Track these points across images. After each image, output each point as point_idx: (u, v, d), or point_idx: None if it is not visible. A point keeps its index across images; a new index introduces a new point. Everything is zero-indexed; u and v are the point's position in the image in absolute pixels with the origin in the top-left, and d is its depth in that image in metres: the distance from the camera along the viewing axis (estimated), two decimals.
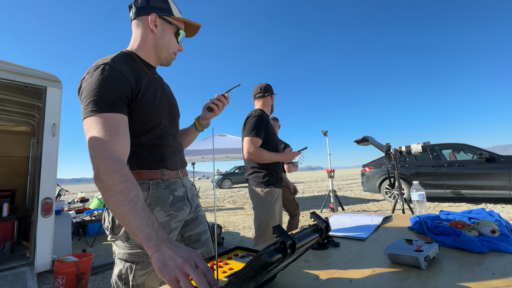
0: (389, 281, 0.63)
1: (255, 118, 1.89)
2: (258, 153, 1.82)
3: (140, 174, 0.88)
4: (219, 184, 16.75)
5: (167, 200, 0.91)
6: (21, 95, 3.38)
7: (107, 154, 0.69)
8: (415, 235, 1.01)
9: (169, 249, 0.59)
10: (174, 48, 1.01)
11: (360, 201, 7.52)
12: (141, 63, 0.94)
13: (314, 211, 0.66)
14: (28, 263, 2.72)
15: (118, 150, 0.72)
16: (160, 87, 0.99)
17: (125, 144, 0.76)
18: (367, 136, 4.19)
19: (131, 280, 0.82)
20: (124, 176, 0.67)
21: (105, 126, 0.72)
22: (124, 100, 0.80)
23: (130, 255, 0.82)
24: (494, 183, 5.47)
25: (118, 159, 0.69)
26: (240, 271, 0.46)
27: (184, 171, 1.06)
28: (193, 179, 6.87)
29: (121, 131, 0.75)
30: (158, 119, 0.92)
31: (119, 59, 0.87)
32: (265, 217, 1.85)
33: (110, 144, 0.70)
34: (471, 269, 0.65)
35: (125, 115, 0.79)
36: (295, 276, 0.71)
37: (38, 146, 2.86)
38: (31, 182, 4.22)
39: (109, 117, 0.74)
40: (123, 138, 0.75)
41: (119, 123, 0.76)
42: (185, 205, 0.98)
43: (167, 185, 0.93)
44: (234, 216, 6.43)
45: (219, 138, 7.89)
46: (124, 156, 0.75)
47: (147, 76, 0.93)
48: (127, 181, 0.67)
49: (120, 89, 0.79)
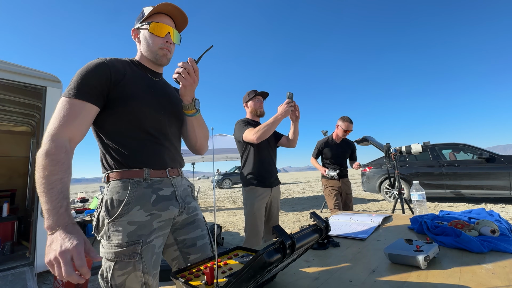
0: (389, 281, 0.62)
1: (240, 121, 2.10)
2: (257, 130, 1.81)
3: (121, 173, 0.90)
4: (219, 184, 16.76)
5: (149, 199, 0.90)
6: (21, 95, 3.38)
7: (53, 137, 0.76)
8: (415, 235, 1.01)
9: (60, 236, 0.66)
10: (157, 44, 1.00)
11: (360, 201, 7.52)
12: (141, 68, 1.03)
13: (314, 211, 0.66)
14: (28, 263, 2.72)
15: (66, 135, 0.78)
16: (157, 88, 1.02)
17: (77, 130, 0.81)
18: (367, 136, 4.18)
19: (110, 280, 0.82)
20: (55, 160, 0.73)
21: (65, 110, 0.80)
22: (97, 88, 0.85)
23: (109, 254, 0.83)
24: (494, 183, 5.47)
25: (60, 144, 0.76)
26: (240, 271, 0.46)
27: (175, 171, 1.02)
28: (193, 179, 6.87)
29: (78, 118, 0.81)
30: (138, 115, 0.93)
31: (117, 59, 0.96)
32: (246, 214, 1.98)
33: (60, 129, 0.78)
34: (471, 269, 0.65)
35: (91, 104, 0.84)
36: (295, 276, 0.71)
37: (38, 146, 2.85)
38: (31, 182, 4.22)
39: (73, 103, 0.81)
40: (78, 125, 0.81)
41: (80, 111, 0.81)
42: (171, 205, 0.96)
43: (150, 184, 0.92)
44: (234, 216, 6.43)
45: (219, 138, 7.89)
46: (72, 141, 0.81)
47: (142, 75, 1.00)
48: (56, 165, 0.73)
49: (96, 78, 0.85)
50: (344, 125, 2.95)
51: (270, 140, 2.12)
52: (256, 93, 2.12)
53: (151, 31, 0.98)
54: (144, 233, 0.86)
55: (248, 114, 2.18)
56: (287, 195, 10.48)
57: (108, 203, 0.86)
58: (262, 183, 1.98)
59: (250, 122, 2.08)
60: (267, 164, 2.04)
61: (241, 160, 2.09)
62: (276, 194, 2.09)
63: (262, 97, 2.16)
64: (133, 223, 0.85)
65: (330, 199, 2.95)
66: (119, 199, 0.86)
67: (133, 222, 0.85)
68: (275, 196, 2.07)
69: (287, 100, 1.75)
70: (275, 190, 2.08)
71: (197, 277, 0.62)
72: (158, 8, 0.98)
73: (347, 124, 2.96)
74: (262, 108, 2.15)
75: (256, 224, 1.92)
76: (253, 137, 1.82)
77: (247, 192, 1.99)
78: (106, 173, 0.92)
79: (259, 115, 2.15)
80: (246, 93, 2.19)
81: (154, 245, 0.89)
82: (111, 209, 0.85)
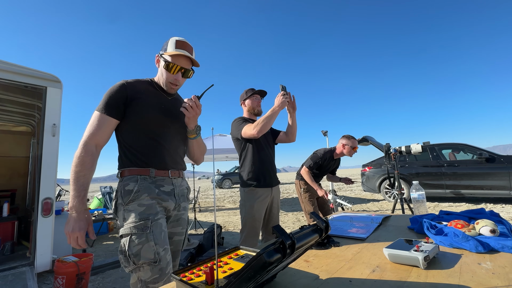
0: (389, 281, 0.63)
1: (237, 119, 2.08)
2: (257, 124, 1.80)
3: (131, 170, 1.12)
4: (219, 184, 16.75)
5: (153, 191, 1.11)
6: (21, 95, 3.38)
7: (84, 144, 1.05)
8: (415, 235, 1.01)
9: (74, 217, 0.99)
10: (168, 79, 1.20)
11: (360, 201, 7.52)
12: (157, 88, 1.25)
13: (313, 211, 0.66)
14: (28, 263, 2.72)
15: (94, 142, 1.07)
16: (166, 104, 1.23)
17: (101, 138, 1.09)
18: (367, 136, 4.19)
19: (127, 250, 1.00)
20: (83, 162, 1.03)
21: (94, 122, 1.08)
22: (119, 104, 1.11)
23: (126, 230, 1.03)
24: (494, 183, 5.47)
25: (88, 148, 1.05)
26: (240, 271, 0.46)
27: (176, 172, 1.22)
28: (193, 179, 6.87)
29: (102, 128, 1.08)
30: (148, 123, 1.14)
31: (138, 79, 1.21)
32: (244, 216, 1.93)
33: (90, 137, 1.06)
34: (471, 269, 0.65)
35: (113, 118, 1.10)
36: (295, 276, 0.71)
37: (38, 146, 2.85)
38: (31, 182, 4.22)
39: (101, 116, 1.08)
40: (102, 133, 1.08)
41: (104, 122, 1.08)
42: (170, 199, 1.16)
43: (154, 181, 1.13)
44: (234, 216, 6.43)
45: (219, 138, 7.88)
46: (98, 146, 1.09)
47: (157, 95, 1.22)
48: (83, 165, 1.03)
49: (118, 95, 1.11)
50: (351, 142, 2.91)
51: (268, 137, 2.10)
52: (254, 92, 2.10)
53: (165, 68, 1.18)
54: (152, 213, 1.07)
55: (245, 113, 2.14)
56: (287, 195, 10.48)
57: (122, 192, 1.09)
58: (263, 183, 1.94)
59: (247, 120, 2.05)
60: (267, 163, 2.01)
61: (240, 159, 2.06)
62: (276, 194, 2.07)
63: (260, 95, 2.13)
64: (142, 205, 1.07)
65: (309, 204, 2.98)
66: (130, 189, 1.08)
67: (142, 204, 1.07)
68: (275, 196, 2.05)
69: (282, 92, 1.75)
70: (275, 190, 2.05)
71: (198, 276, 0.62)
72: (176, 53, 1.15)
73: (354, 141, 2.94)
74: (259, 106, 2.12)
75: (255, 226, 1.90)
76: (254, 131, 1.79)
77: (247, 193, 1.94)
78: (120, 170, 1.15)
79: (257, 114, 2.12)
80: (243, 91, 2.16)
81: (161, 224, 1.08)
82: (125, 196, 1.08)
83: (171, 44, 1.16)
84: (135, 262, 0.98)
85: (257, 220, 1.91)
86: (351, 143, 2.92)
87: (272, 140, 2.17)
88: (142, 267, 0.99)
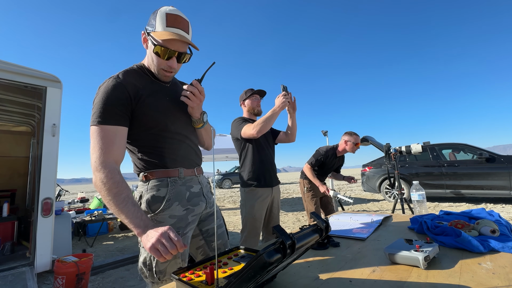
0: (389, 281, 0.62)
1: (237, 119, 2.08)
2: (256, 124, 1.79)
3: (158, 173, 0.98)
4: (219, 184, 16.74)
5: (184, 195, 1.00)
6: (21, 95, 3.38)
7: (103, 164, 0.83)
8: (415, 235, 1.01)
9: (151, 230, 0.76)
10: (160, 65, 0.97)
11: (360, 201, 7.52)
12: (149, 75, 1.02)
13: (314, 211, 0.66)
14: (28, 263, 2.72)
15: (111, 159, 0.85)
16: (168, 94, 1.05)
17: (118, 153, 0.88)
18: (367, 136, 4.19)
19: (154, 267, 0.91)
20: (116, 183, 0.81)
21: (102, 137, 0.85)
22: (123, 110, 0.90)
23: None
24: (494, 183, 5.46)
25: (111, 168, 0.83)
26: (240, 271, 0.45)
27: (200, 169, 1.13)
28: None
29: (116, 142, 0.87)
30: (164, 122, 0.99)
31: (127, 72, 0.97)
32: (245, 216, 1.94)
33: (105, 155, 0.84)
34: (471, 269, 0.65)
35: (122, 126, 0.90)
36: (295, 276, 0.71)
37: (38, 146, 2.85)
38: (31, 182, 4.22)
39: (107, 129, 0.86)
40: (117, 148, 0.87)
41: (115, 135, 0.87)
42: (201, 200, 1.07)
43: (184, 182, 1.02)
44: (234, 216, 6.43)
45: (219, 138, 7.88)
46: (117, 163, 0.88)
47: (154, 84, 1.02)
48: (119, 186, 0.81)
49: (119, 100, 0.89)
50: (353, 138, 2.90)
51: (268, 137, 2.10)
52: (254, 92, 2.09)
53: (155, 53, 0.93)
54: (182, 226, 0.97)
55: (245, 113, 2.14)
56: (287, 195, 10.48)
57: (150, 200, 0.95)
58: (263, 183, 1.95)
59: (247, 120, 2.05)
60: (267, 163, 2.01)
61: (240, 159, 2.07)
62: (277, 194, 2.07)
63: (259, 95, 2.12)
64: (173, 217, 0.96)
65: (311, 203, 2.98)
66: (160, 195, 0.96)
67: (173, 216, 0.96)
68: (276, 196, 2.06)
69: (283, 92, 1.73)
70: (276, 190, 2.06)
71: (198, 276, 0.62)
72: (168, 37, 0.90)
73: (356, 137, 2.93)
74: (259, 106, 2.11)
75: (255, 226, 1.90)
76: (253, 131, 1.78)
77: (247, 193, 1.95)
78: (143, 173, 1.00)
79: (256, 114, 2.12)
80: (243, 91, 2.15)
81: (188, 237, 1.00)
82: (153, 204, 0.95)
83: (160, 19, 0.90)
84: (160, 278, 0.93)
85: (257, 220, 1.91)
86: (354, 139, 2.91)
87: (272, 140, 2.17)
88: (164, 281, 0.95)
